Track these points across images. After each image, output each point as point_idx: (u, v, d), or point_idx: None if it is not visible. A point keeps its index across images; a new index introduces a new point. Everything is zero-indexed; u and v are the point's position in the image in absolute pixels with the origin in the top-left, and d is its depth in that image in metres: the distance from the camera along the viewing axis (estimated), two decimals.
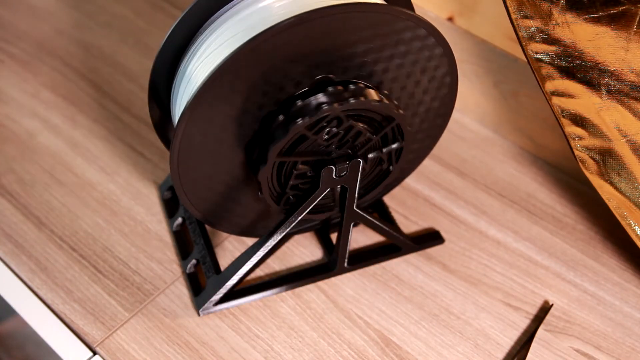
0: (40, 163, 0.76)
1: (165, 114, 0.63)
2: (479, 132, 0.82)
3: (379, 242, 0.71)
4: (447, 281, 0.69)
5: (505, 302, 0.67)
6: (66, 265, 0.68)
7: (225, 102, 0.54)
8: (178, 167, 0.57)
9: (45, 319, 0.65)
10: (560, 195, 0.76)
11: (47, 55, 0.87)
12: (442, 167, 0.78)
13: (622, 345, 0.65)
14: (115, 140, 0.78)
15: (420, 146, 0.67)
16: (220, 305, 0.65)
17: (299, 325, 0.65)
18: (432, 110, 0.63)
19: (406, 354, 0.64)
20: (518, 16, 0.61)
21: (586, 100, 0.62)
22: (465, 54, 0.78)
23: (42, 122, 0.80)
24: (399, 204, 0.74)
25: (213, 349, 0.63)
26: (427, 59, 0.59)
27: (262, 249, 0.62)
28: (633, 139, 0.62)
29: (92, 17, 0.92)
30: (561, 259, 0.71)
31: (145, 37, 0.90)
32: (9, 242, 0.69)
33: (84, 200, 0.73)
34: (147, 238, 0.70)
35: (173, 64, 0.60)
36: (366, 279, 0.68)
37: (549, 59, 0.62)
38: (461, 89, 0.79)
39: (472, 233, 0.72)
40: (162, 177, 0.75)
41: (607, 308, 0.68)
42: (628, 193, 0.64)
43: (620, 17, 0.58)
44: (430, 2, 0.78)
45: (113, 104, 0.82)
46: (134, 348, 0.63)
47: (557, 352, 0.64)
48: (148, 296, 0.66)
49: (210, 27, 0.57)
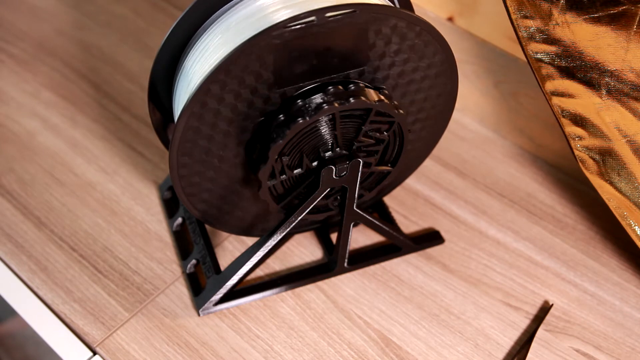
0: (40, 163, 0.76)
1: (165, 114, 0.63)
2: (479, 132, 0.82)
3: (379, 242, 0.71)
4: (447, 281, 0.69)
5: (505, 302, 0.67)
6: (66, 265, 0.68)
7: (225, 102, 0.54)
8: (178, 167, 0.57)
9: (45, 319, 0.65)
10: (560, 195, 0.76)
11: (47, 55, 0.87)
12: (442, 167, 0.78)
13: (622, 345, 0.65)
14: (115, 140, 0.78)
15: (420, 146, 0.67)
16: (220, 305, 0.65)
17: (299, 325, 0.65)
18: (432, 110, 0.63)
19: (406, 354, 0.64)
20: (518, 16, 0.61)
21: (586, 100, 0.62)
22: (465, 54, 0.78)
23: (42, 122, 0.80)
24: (399, 204, 0.74)
25: (213, 349, 0.63)
26: (427, 59, 0.59)
27: (262, 249, 0.62)
28: (633, 139, 0.62)
29: (92, 17, 0.92)
30: (561, 259, 0.71)
31: (145, 37, 0.90)
32: (9, 242, 0.69)
33: (84, 200, 0.73)
34: (147, 238, 0.70)
35: (173, 64, 0.60)
36: (366, 279, 0.68)
37: (549, 59, 0.62)
38: (461, 89, 0.79)
39: (472, 233, 0.72)
40: (162, 177, 0.75)
41: (607, 308, 0.68)
42: (628, 193, 0.64)
43: (620, 17, 0.58)
44: (430, 2, 0.78)
45: (113, 104, 0.82)
46: (134, 348, 0.63)
47: (557, 352, 0.64)
48: (148, 296, 0.66)
49: (210, 26, 0.57)
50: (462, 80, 0.79)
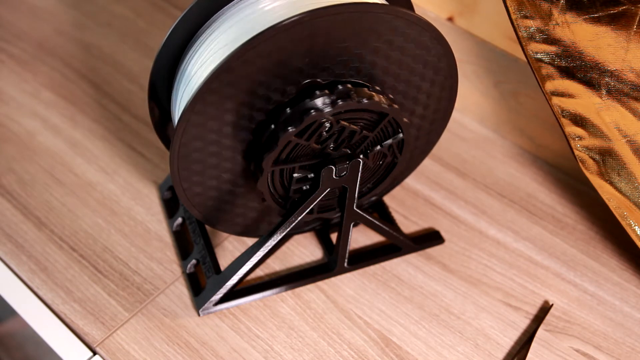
0: (40, 163, 0.76)
1: (165, 114, 0.63)
2: (479, 132, 0.82)
3: (379, 242, 0.71)
4: (447, 281, 0.69)
5: (505, 302, 0.67)
6: (66, 265, 0.68)
7: (224, 104, 0.54)
8: (178, 168, 0.57)
9: (45, 319, 0.65)
10: (560, 195, 0.76)
11: (47, 55, 0.87)
12: (442, 167, 0.78)
13: (622, 345, 0.65)
14: (115, 140, 0.78)
15: (420, 146, 0.67)
16: (220, 305, 0.65)
17: (299, 325, 0.65)
18: (432, 110, 0.63)
19: (406, 354, 0.64)
20: (518, 16, 0.61)
21: (586, 100, 0.62)
22: (465, 54, 0.78)
23: (42, 122, 0.80)
24: (399, 204, 0.74)
25: (213, 349, 0.63)
26: (426, 59, 0.59)
27: (262, 249, 0.62)
28: (633, 139, 0.62)
29: (92, 17, 0.92)
30: (561, 259, 0.71)
31: (145, 37, 0.90)
32: (9, 242, 0.69)
33: (84, 200, 0.73)
34: (147, 238, 0.70)
35: (173, 64, 0.60)
36: (366, 279, 0.68)
37: (549, 59, 0.62)
38: (461, 89, 0.79)
39: (472, 233, 0.72)
40: (162, 177, 0.75)
41: (607, 308, 0.68)
42: (628, 193, 0.64)
43: (620, 17, 0.58)
44: (430, 2, 0.78)
45: (113, 104, 0.82)
46: (134, 348, 0.63)
47: (557, 352, 0.64)
48: (148, 296, 0.66)
49: (211, 27, 0.57)
50: (462, 80, 0.79)
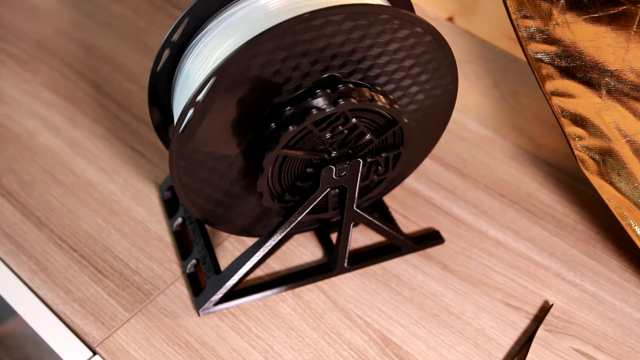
0: (40, 163, 0.76)
1: (165, 114, 0.63)
2: (479, 132, 0.82)
3: (379, 242, 0.71)
4: (447, 281, 0.69)
5: (505, 302, 0.67)
6: (66, 265, 0.68)
7: (223, 104, 0.54)
8: (178, 168, 0.57)
9: (45, 319, 0.65)
10: (560, 195, 0.76)
11: (47, 55, 0.87)
12: (442, 167, 0.78)
13: (622, 345, 0.65)
14: (115, 140, 0.78)
15: (420, 146, 0.67)
16: (220, 305, 0.65)
17: (299, 325, 0.65)
18: (433, 110, 0.63)
19: (406, 354, 0.64)
20: (518, 16, 0.61)
21: (586, 100, 0.62)
22: (465, 54, 0.78)
23: (42, 122, 0.80)
24: (399, 204, 0.74)
25: (213, 349, 0.63)
26: (426, 59, 0.59)
27: (262, 249, 0.62)
28: (633, 139, 0.62)
29: (92, 17, 0.92)
30: (561, 259, 0.71)
31: (145, 37, 0.90)
32: (9, 242, 0.69)
33: (84, 200, 0.73)
34: (147, 238, 0.70)
35: (173, 64, 0.60)
36: (366, 279, 0.68)
37: (549, 59, 0.62)
38: (461, 89, 0.79)
39: (472, 233, 0.72)
40: (162, 177, 0.75)
41: (607, 308, 0.68)
42: (628, 193, 0.64)
43: (620, 17, 0.58)
44: (430, 2, 0.78)
45: (113, 104, 0.82)
46: (134, 348, 0.63)
47: (557, 352, 0.64)
48: (148, 296, 0.66)
49: (210, 26, 0.57)
50: (462, 80, 0.79)
